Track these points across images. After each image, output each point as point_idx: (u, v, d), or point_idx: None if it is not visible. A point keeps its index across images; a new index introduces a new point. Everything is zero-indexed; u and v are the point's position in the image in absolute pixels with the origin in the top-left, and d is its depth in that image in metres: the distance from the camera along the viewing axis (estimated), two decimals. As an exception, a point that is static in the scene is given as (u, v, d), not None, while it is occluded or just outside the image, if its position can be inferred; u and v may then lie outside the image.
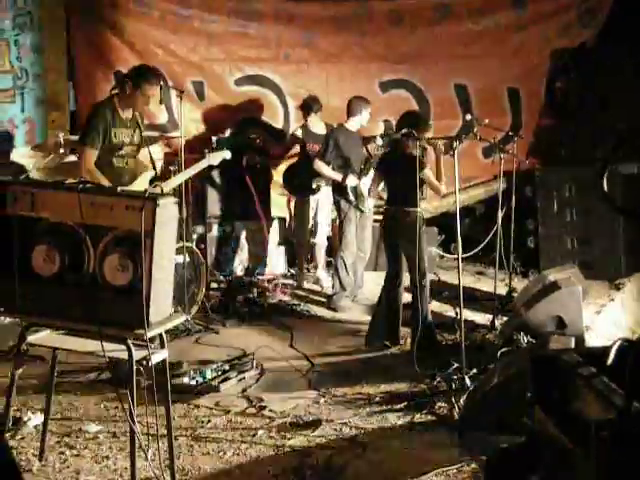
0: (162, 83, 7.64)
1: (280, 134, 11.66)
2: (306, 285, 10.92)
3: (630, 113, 11.27)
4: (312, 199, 10.82)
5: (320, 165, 9.99)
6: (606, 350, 3.10)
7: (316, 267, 11.18)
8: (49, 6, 10.93)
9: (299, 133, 10.89)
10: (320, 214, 10.84)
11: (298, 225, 11.13)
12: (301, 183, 10.70)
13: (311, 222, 11.00)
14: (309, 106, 10.76)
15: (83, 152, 7.19)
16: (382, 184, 9.19)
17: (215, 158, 8.67)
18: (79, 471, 5.41)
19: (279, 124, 11.73)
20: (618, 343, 3.09)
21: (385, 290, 8.53)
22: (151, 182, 7.67)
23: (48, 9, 10.89)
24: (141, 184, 7.43)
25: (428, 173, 8.23)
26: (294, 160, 11.08)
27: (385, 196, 9.09)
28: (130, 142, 7.35)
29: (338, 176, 9.81)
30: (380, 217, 11.12)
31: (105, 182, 6.86)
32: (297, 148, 10.97)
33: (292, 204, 11.43)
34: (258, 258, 11.40)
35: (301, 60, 11.85)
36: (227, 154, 8.70)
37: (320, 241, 10.90)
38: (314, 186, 10.49)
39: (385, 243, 8.70)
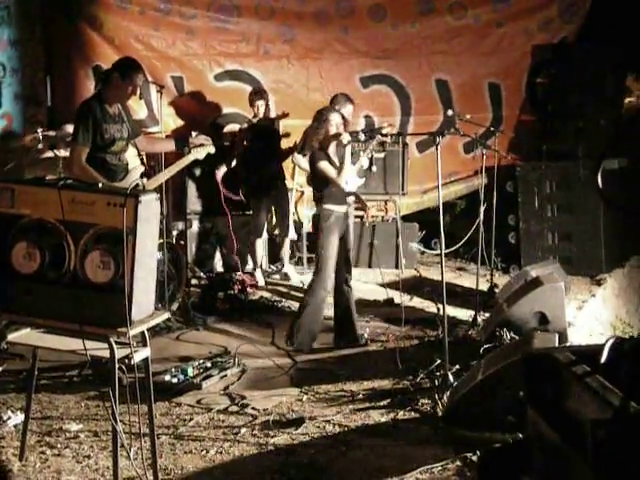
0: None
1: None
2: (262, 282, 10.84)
3: (610, 108, 11.30)
4: (268, 197, 10.79)
5: (299, 159, 9.97)
6: (599, 348, 3.07)
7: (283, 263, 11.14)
8: (27, 0, 10.82)
9: (247, 125, 10.91)
10: (280, 211, 10.81)
11: (254, 225, 10.96)
12: (253, 183, 10.68)
13: (273, 218, 10.96)
14: (260, 96, 10.70)
15: (74, 150, 7.11)
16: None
17: (200, 153, 8.62)
18: (60, 471, 5.34)
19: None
20: (611, 341, 3.06)
21: (335, 291, 8.47)
22: (142, 177, 7.63)
23: (26, 3, 10.78)
24: (130, 180, 7.41)
25: (322, 166, 8.11)
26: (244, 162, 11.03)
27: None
28: (120, 137, 7.30)
29: None
30: (360, 213, 11.16)
31: (100, 178, 6.80)
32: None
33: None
34: (239, 254, 11.34)
35: (281, 55, 11.83)
36: (212, 149, 8.66)
37: (289, 237, 10.86)
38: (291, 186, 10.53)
39: None
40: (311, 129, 8.34)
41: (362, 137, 9.81)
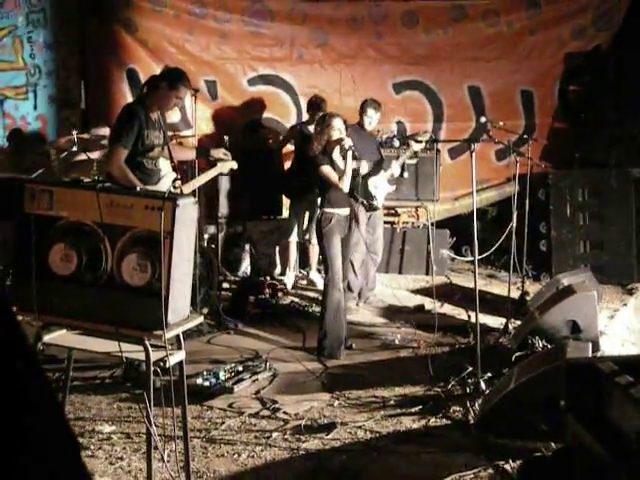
0: None
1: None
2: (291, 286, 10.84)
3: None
4: (307, 200, 10.76)
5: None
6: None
7: (309, 268, 11.12)
8: (62, 3, 10.90)
9: (297, 129, 10.89)
10: (313, 216, 10.76)
11: (289, 227, 11.03)
12: (296, 186, 10.66)
13: (306, 223, 10.92)
14: (318, 105, 10.69)
15: (116, 151, 7.11)
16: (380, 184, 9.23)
17: (225, 167, 8.67)
18: (93, 472, 5.35)
19: (291, 124, 11.65)
20: (655, 352, 3.04)
21: None
22: (174, 182, 7.67)
23: (61, 6, 10.86)
24: (165, 185, 7.44)
25: (324, 170, 8.14)
26: (290, 163, 11.09)
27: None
28: (158, 143, 7.32)
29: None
30: (391, 219, 11.16)
31: (136, 181, 6.82)
32: (291, 147, 11.00)
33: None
34: (269, 258, 11.36)
35: (315, 60, 11.84)
36: (235, 164, 8.70)
37: (315, 242, 10.78)
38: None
39: None
40: (315, 134, 8.38)
41: (397, 143, 9.82)
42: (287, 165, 11.28)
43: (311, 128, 10.43)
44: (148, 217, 4.47)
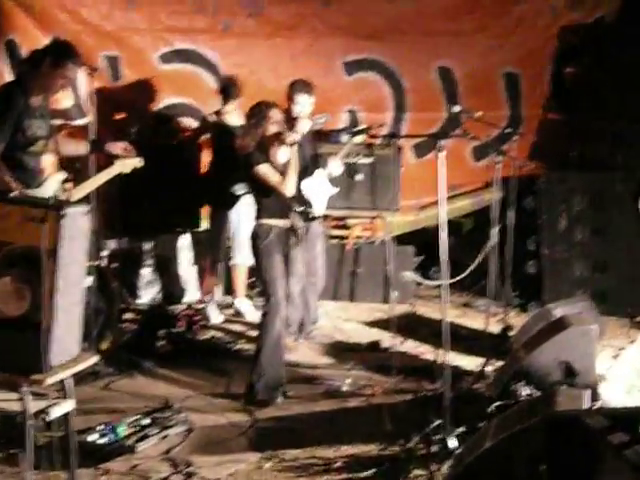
0: None
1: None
2: (218, 319, 10.87)
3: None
4: (231, 210, 10.77)
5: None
6: (639, 411, 3.08)
7: (235, 295, 11.10)
8: None
9: (211, 119, 10.86)
10: (242, 228, 10.67)
11: (212, 242, 11.07)
12: (217, 191, 10.65)
13: (230, 238, 10.88)
14: (230, 89, 10.66)
15: None
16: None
17: (126, 166, 8.65)
18: None
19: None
20: (655, 403, 3.07)
21: None
22: (63, 184, 7.64)
23: None
24: (51, 188, 7.39)
25: (261, 170, 8.17)
26: (209, 163, 11.07)
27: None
28: (42, 135, 7.28)
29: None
30: (340, 232, 11.16)
31: (13, 183, 6.78)
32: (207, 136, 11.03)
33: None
34: (184, 282, 11.34)
35: (245, 33, 11.76)
36: (139, 162, 8.68)
37: (241, 262, 10.79)
38: (238, 193, 10.41)
39: None
40: (247, 127, 8.37)
41: (344, 139, 9.81)
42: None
43: (229, 118, 10.46)
44: (27, 230, 4.46)
